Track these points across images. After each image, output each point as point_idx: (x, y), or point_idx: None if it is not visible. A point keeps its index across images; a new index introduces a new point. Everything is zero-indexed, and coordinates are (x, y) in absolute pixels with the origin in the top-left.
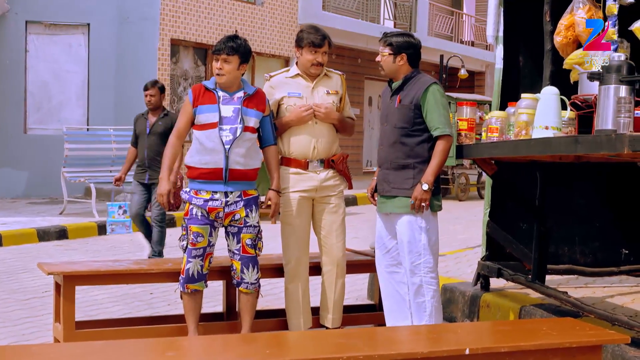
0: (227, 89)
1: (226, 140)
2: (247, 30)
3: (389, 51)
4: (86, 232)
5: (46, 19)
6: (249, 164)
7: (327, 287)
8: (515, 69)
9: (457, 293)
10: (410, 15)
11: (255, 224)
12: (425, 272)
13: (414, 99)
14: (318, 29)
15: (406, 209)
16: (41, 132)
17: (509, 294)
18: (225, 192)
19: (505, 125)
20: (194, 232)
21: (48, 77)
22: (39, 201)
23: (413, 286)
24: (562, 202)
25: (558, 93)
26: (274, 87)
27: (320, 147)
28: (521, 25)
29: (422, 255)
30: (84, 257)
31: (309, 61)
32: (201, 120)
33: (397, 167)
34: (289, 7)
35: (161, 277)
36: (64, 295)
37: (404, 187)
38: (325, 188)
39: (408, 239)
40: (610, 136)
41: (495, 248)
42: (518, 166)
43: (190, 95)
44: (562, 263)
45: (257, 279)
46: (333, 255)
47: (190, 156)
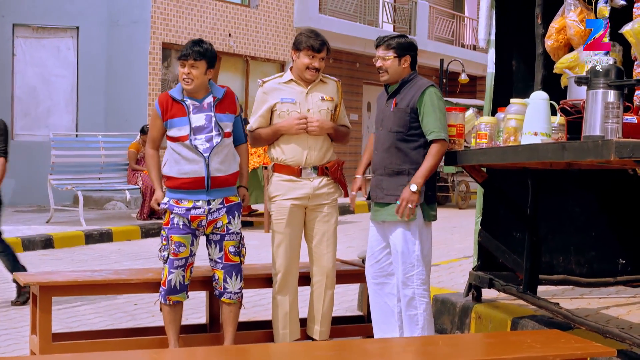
0: (195, 95)
1: (204, 148)
2: (241, 34)
3: (393, 54)
4: (73, 241)
5: (34, 22)
6: (229, 169)
7: (316, 298)
8: (508, 74)
9: (448, 304)
10: (410, 18)
11: (238, 230)
12: (419, 284)
13: (410, 103)
14: (318, 33)
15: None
16: (29, 138)
17: (501, 305)
18: (207, 200)
19: (495, 131)
20: (175, 242)
21: (36, 82)
22: (26, 209)
23: (405, 298)
24: (556, 210)
25: (547, 98)
26: (267, 92)
27: (314, 154)
28: (513, 28)
29: (415, 266)
30: (69, 266)
31: (304, 65)
32: (174, 134)
33: (392, 173)
34: (285, 10)
35: (141, 287)
36: (40, 306)
37: (397, 194)
38: (318, 196)
39: (402, 249)
40: (597, 142)
41: (487, 258)
42: (510, 173)
43: (157, 108)
44: (557, 273)
45: (240, 289)
46: (322, 266)
47: (168, 166)
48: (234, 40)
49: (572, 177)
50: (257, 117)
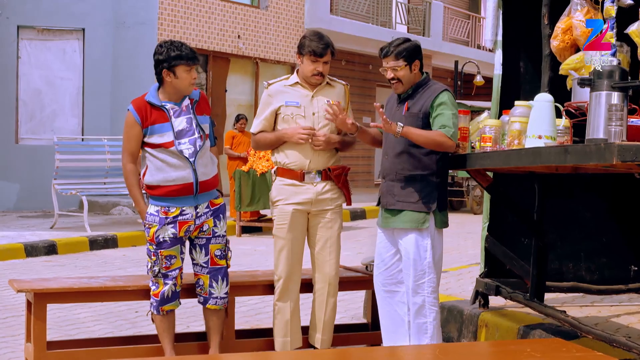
0: (174, 98)
1: (189, 153)
2: (251, 35)
3: (403, 63)
4: (77, 247)
5: (39, 23)
6: (211, 172)
7: (318, 305)
8: (516, 75)
9: (455, 312)
10: (424, 19)
11: (224, 233)
12: (429, 291)
13: (423, 107)
14: (322, 36)
15: (413, 224)
16: (33, 142)
17: (509, 313)
18: (195, 205)
19: (499, 134)
20: (166, 257)
21: (41, 85)
22: (31, 215)
23: (415, 306)
24: (566, 215)
25: (552, 100)
26: (272, 95)
27: (318, 158)
28: (521, 29)
29: (426, 274)
30: (71, 273)
31: (309, 71)
32: (155, 141)
33: (404, 179)
34: (295, 11)
35: (138, 294)
36: (34, 313)
37: (410, 200)
38: (321, 201)
39: (414, 256)
40: (600, 145)
41: (494, 264)
42: (516, 177)
43: (135, 115)
44: (566, 280)
45: (226, 294)
46: (325, 272)
47: (150, 175)
48: (243, 42)
49: (582, 181)
50: (260, 120)
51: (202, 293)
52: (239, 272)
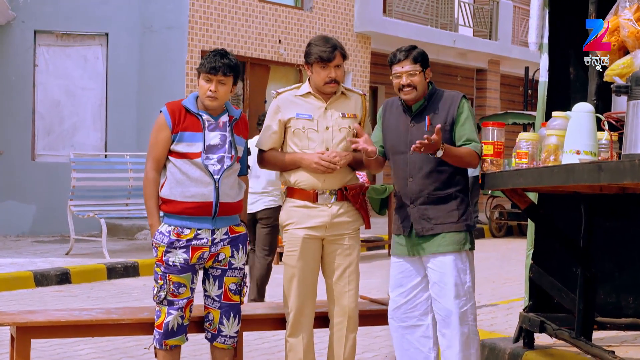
0: (212, 111)
1: (214, 170)
2: (293, 40)
3: (419, 68)
4: (92, 276)
5: (58, 28)
6: (237, 196)
7: (336, 342)
8: (565, 82)
9: (496, 350)
10: (490, 20)
11: (242, 266)
12: (472, 319)
13: (447, 118)
14: (328, 39)
15: (455, 246)
16: (51, 159)
17: (556, 353)
18: (212, 229)
19: (537, 149)
20: (174, 283)
21: (60, 96)
22: (47, 239)
23: (462, 337)
24: (623, 241)
25: (592, 110)
26: (281, 105)
27: (332, 176)
28: (571, 30)
29: (468, 299)
30: (83, 304)
31: (321, 79)
32: (182, 149)
33: (438, 200)
34: (344, 13)
35: (134, 329)
36: (16, 350)
37: (450, 221)
38: (337, 225)
39: (454, 281)
40: (634, 162)
41: (540, 297)
42: (562, 198)
43: (167, 117)
44: (625, 315)
45: (236, 333)
46: (343, 305)
47: (168, 188)
48: (284, 48)
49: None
50: (269, 134)
51: (211, 329)
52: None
